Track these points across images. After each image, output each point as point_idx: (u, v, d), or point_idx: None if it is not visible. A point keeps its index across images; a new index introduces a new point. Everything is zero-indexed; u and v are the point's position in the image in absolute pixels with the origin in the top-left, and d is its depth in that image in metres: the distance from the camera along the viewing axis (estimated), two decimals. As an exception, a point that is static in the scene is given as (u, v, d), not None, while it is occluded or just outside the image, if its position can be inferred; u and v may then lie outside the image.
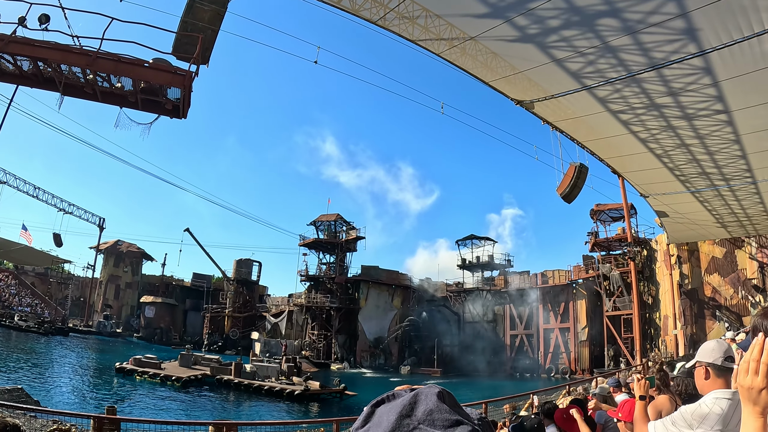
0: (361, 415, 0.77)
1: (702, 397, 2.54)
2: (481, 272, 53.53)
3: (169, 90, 9.85)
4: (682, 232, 13.34)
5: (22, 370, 28.88)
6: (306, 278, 55.19)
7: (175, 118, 10.28)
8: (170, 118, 10.28)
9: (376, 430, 0.71)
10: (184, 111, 10.03)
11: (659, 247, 35.03)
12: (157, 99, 9.92)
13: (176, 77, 9.35)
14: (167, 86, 9.71)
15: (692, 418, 2.45)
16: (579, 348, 43.09)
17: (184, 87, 9.45)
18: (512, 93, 6.25)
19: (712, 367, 2.52)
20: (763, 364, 1.12)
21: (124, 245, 69.64)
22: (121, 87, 9.72)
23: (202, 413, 23.23)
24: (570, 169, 10.60)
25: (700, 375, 2.58)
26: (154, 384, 29.74)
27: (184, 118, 10.18)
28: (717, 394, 2.44)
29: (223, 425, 8.31)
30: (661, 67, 4.79)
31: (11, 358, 33.12)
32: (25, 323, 52.37)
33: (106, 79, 9.73)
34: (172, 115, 10.16)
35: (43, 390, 23.75)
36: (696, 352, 2.68)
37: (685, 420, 2.48)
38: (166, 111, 10.09)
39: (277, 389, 29.14)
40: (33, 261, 63.64)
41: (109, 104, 10.12)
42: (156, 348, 50.39)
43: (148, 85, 9.69)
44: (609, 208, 42.35)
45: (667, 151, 7.03)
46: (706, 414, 2.41)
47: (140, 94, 9.76)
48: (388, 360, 50.98)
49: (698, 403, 2.49)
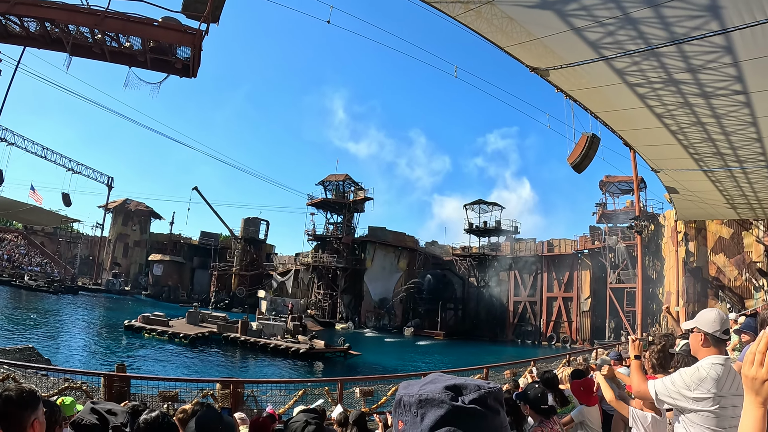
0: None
1: (698, 361, 2.73)
2: (487, 237, 53.50)
3: (178, 49, 9.73)
4: (690, 210, 13.21)
5: (33, 329, 29.41)
6: (313, 238, 55.55)
7: (185, 78, 10.18)
8: (180, 77, 10.17)
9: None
10: (194, 70, 9.91)
11: (667, 223, 34.82)
12: (167, 58, 9.81)
13: (186, 36, 9.22)
14: (177, 45, 9.59)
15: (691, 381, 2.60)
16: (581, 318, 43.44)
17: (194, 46, 9.32)
18: (527, 59, 6.11)
19: (710, 337, 2.72)
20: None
21: (132, 204, 70.16)
22: (130, 46, 9.61)
23: (209, 370, 23.69)
24: (582, 139, 10.48)
25: (696, 340, 2.80)
26: (162, 341, 30.30)
27: (194, 77, 10.07)
28: (713, 360, 2.63)
29: (230, 382, 8.49)
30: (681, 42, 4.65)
31: (22, 318, 33.71)
32: (35, 282, 53.41)
33: (115, 38, 9.61)
34: (182, 74, 10.05)
35: (54, 348, 24.17)
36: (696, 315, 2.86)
37: (684, 381, 2.63)
38: (175, 70, 9.98)
39: (282, 347, 29.64)
40: (42, 221, 64.15)
41: (118, 64, 10.02)
42: (164, 306, 50.89)
43: (158, 45, 9.57)
44: (618, 181, 42.06)
45: (682, 128, 6.88)
46: (704, 377, 2.57)
47: (149, 54, 9.65)
48: (392, 321, 51.41)
49: (696, 367, 2.66)
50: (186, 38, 9.21)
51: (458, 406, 0.76)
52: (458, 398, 0.77)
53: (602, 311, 42.15)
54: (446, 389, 0.78)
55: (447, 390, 0.78)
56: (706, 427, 2.54)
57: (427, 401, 0.77)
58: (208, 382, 9.26)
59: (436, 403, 0.76)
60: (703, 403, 2.54)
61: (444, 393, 0.77)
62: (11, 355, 13.58)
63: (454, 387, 0.78)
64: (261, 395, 9.03)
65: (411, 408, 0.79)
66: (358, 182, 55.04)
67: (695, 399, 2.56)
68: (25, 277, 55.11)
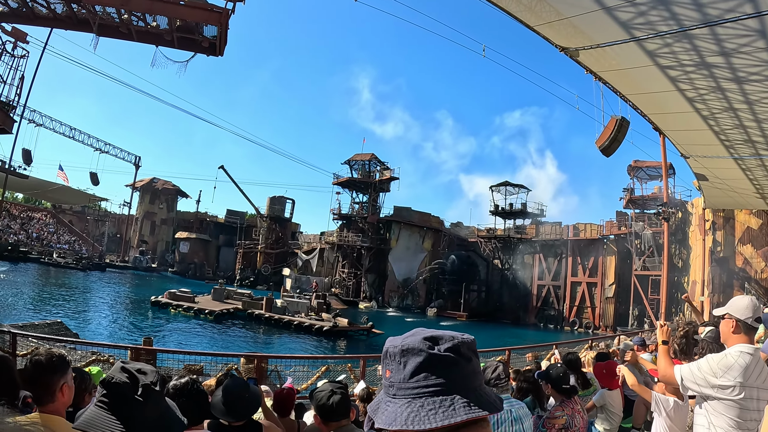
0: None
1: (726, 348, 2.68)
2: (513, 220, 53.07)
3: (205, 28, 9.78)
4: (719, 198, 12.94)
5: (62, 305, 30.05)
6: (338, 217, 55.69)
7: (212, 56, 10.25)
8: (206, 56, 10.25)
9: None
10: (221, 49, 9.97)
11: (695, 211, 34.05)
12: (194, 37, 9.87)
13: (212, 14, 9.26)
14: (203, 24, 9.65)
15: (718, 367, 2.57)
16: (604, 304, 43.00)
17: (221, 24, 9.37)
18: (557, 39, 6.02)
19: (741, 324, 2.65)
20: None
21: (159, 182, 71.31)
22: (157, 26, 9.68)
23: (234, 346, 23.99)
24: (611, 122, 10.28)
25: (727, 326, 2.72)
26: (188, 317, 30.82)
27: (220, 55, 10.13)
28: (742, 348, 2.58)
29: (254, 357, 8.63)
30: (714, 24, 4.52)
31: (51, 294, 34.40)
32: (63, 260, 54.59)
33: (141, 18, 9.68)
34: (209, 52, 10.12)
35: (83, 323, 24.74)
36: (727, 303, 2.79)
37: (711, 368, 2.60)
38: (202, 49, 10.05)
39: (306, 324, 29.94)
40: (70, 200, 65.80)
41: (145, 43, 10.11)
42: (190, 282, 51.83)
43: (184, 23, 9.63)
44: (647, 166, 41.21)
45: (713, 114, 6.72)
46: (731, 365, 2.53)
47: (176, 33, 9.72)
48: (416, 301, 51.48)
49: (724, 354, 2.61)
50: (212, 17, 9.26)
51: (434, 353, 0.87)
52: (434, 347, 0.88)
53: (626, 298, 41.64)
54: (424, 340, 0.89)
55: (425, 340, 0.89)
56: (727, 416, 2.52)
57: (408, 350, 0.88)
58: (233, 357, 9.46)
59: (416, 352, 0.88)
60: (728, 392, 2.51)
61: (422, 343, 0.88)
62: (40, 329, 13.84)
63: (431, 338, 0.90)
64: (284, 370, 9.20)
65: (395, 357, 0.90)
66: (384, 162, 54.93)
67: (720, 387, 2.53)
68: (54, 254, 56.39)
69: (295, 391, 4.98)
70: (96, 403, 1.46)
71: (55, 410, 2.08)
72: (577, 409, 3.87)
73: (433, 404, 0.84)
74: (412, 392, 0.86)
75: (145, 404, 1.46)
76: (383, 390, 0.94)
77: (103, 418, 1.42)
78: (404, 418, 0.84)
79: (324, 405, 2.65)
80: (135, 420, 1.43)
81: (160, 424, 1.50)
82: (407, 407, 0.85)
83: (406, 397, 0.87)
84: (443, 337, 0.90)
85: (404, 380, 0.88)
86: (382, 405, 0.91)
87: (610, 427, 4.99)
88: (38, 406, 2.09)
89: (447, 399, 0.84)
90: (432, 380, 0.86)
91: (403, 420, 0.83)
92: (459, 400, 0.84)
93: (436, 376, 0.86)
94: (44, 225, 67.58)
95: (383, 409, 0.90)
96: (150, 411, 1.47)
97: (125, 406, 1.44)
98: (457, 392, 0.85)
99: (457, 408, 0.82)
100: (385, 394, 0.92)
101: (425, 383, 0.86)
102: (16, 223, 62.98)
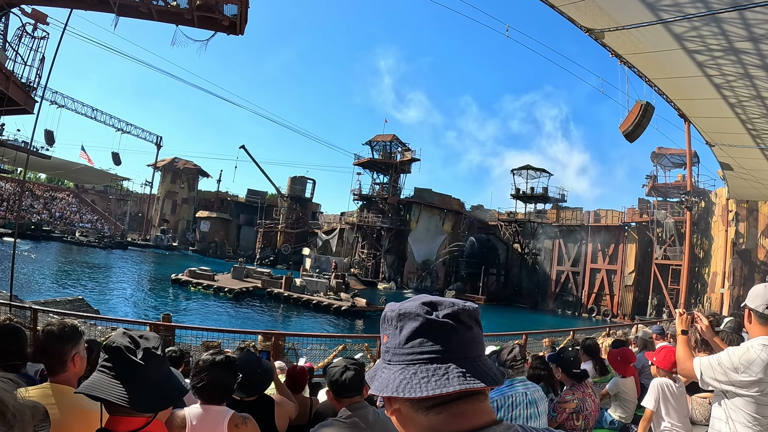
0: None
1: (749, 340, 2.55)
2: (534, 204, 52.61)
3: (225, 6, 9.76)
4: (744, 189, 12.66)
5: (84, 282, 30.57)
6: (359, 197, 55.73)
7: (232, 35, 10.24)
8: (227, 34, 10.24)
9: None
10: (241, 27, 9.96)
11: (718, 201, 33.43)
12: (214, 16, 9.85)
13: (232, -8, 9.24)
14: (224, 2, 9.62)
15: (739, 362, 2.45)
16: (623, 292, 42.55)
17: (241, 2, 9.35)
18: (582, 20, 5.91)
19: (754, 313, 2.53)
20: None
21: (180, 162, 71.81)
22: (177, 5, 9.68)
23: (252, 323, 24.22)
24: (635, 107, 10.09)
25: (746, 317, 2.61)
26: (208, 295, 31.16)
27: (241, 34, 10.12)
28: (765, 341, 2.45)
29: (271, 335, 8.71)
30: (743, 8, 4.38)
31: (73, 271, 35.04)
32: (85, 238, 55.60)
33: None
34: (229, 31, 10.11)
35: (103, 300, 25.10)
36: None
37: (732, 362, 2.48)
38: (222, 27, 10.03)
39: (324, 304, 30.14)
40: (93, 179, 66.75)
41: (165, 22, 10.11)
42: (210, 261, 52.39)
43: (204, 2, 9.60)
44: (671, 153, 40.50)
45: (741, 101, 6.55)
46: (754, 360, 2.41)
47: (196, 12, 9.70)
48: (434, 283, 51.28)
49: (746, 347, 2.49)
50: (232, -6, 9.24)
51: (431, 319, 0.84)
52: (432, 313, 0.85)
53: (645, 287, 41.17)
54: (423, 305, 0.86)
55: (423, 305, 0.86)
56: (746, 412, 2.44)
57: (405, 315, 0.86)
58: (251, 334, 9.60)
59: (413, 317, 0.85)
60: (749, 387, 2.42)
61: (420, 308, 0.86)
62: (62, 306, 14.05)
63: (430, 303, 0.87)
64: (302, 348, 9.34)
65: (392, 321, 0.88)
66: (406, 143, 54.66)
67: (741, 382, 2.43)
68: (77, 233, 57.31)
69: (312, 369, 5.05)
70: (98, 368, 1.50)
71: (66, 380, 2.11)
72: (588, 393, 3.87)
73: (426, 372, 0.81)
74: (407, 358, 0.84)
75: (146, 368, 1.50)
76: (381, 357, 0.93)
77: (105, 382, 1.46)
78: (395, 384, 0.82)
79: (336, 381, 2.67)
80: (136, 383, 1.47)
81: (160, 386, 1.54)
82: (400, 374, 0.83)
83: (400, 363, 0.85)
84: (443, 303, 0.87)
85: (399, 345, 0.86)
86: (378, 371, 0.90)
87: (625, 414, 4.98)
88: (50, 376, 2.12)
89: (441, 367, 0.81)
90: (427, 346, 0.83)
91: (394, 387, 0.81)
92: (454, 369, 0.80)
93: (433, 342, 0.83)
94: (67, 204, 68.90)
95: (378, 375, 0.88)
96: (151, 374, 1.51)
97: (126, 369, 1.48)
98: (453, 361, 0.82)
99: (451, 378, 0.79)
100: (382, 360, 0.91)
101: (420, 349, 0.83)
102: (39, 202, 64.16)
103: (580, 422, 3.75)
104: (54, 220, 61.23)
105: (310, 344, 9.72)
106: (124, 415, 1.48)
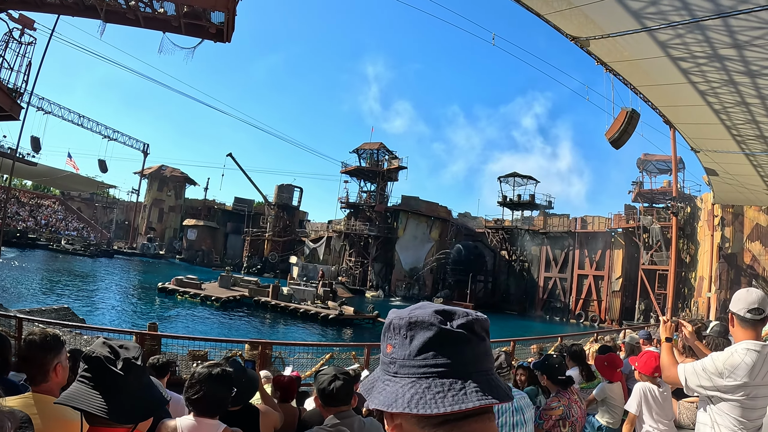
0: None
1: (733, 345, 2.55)
2: (521, 211, 53.02)
3: (212, 14, 9.75)
4: (729, 194, 12.79)
5: (69, 291, 30.10)
6: (346, 205, 55.75)
7: (219, 42, 10.22)
8: (214, 42, 10.22)
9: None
10: (228, 35, 9.95)
11: (704, 206, 33.84)
12: (201, 23, 9.84)
13: (219, 0, 9.22)
14: (210, 10, 9.60)
15: (723, 367, 2.44)
16: (611, 297, 42.88)
17: (228, 10, 9.33)
18: (567, 28, 5.95)
19: (736, 317, 2.55)
20: None
21: (167, 170, 71.62)
22: (164, 12, 9.65)
23: (240, 332, 24.04)
24: (621, 114, 10.17)
25: (730, 321, 2.63)
26: (195, 303, 30.87)
27: (228, 42, 10.11)
28: (748, 345, 2.45)
29: (258, 344, 8.67)
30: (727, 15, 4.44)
31: (59, 280, 34.53)
32: (71, 246, 54.89)
33: (148, 4, 9.66)
34: (216, 39, 10.10)
35: (90, 309, 24.73)
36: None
37: (716, 367, 2.47)
38: (209, 35, 10.02)
39: (312, 312, 29.95)
40: (79, 187, 66.24)
41: (152, 30, 10.08)
42: (197, 270, 51.94)
43: (191, 9, 9.59)
44: (656, 159, 41.00)
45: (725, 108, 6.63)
46: (738, 364, 2.41)
47: (183, 19, 9.69)
48: (422, 291, 51.46)
49: (730, 352, 2.48)
50: (220, 2, 9.22)
51: (446, 329, 0.78)
52: (447, 322, 0.79)
53: (633, 292, 41.50)
54: (435, 313, 0.80)
55: (436, 314, 0.80)
56: (732, 416, 2.44)
57: (416, 324, 0.79)
58: (237, 343, 9.51)
59: (426, 326, 0.79)
60: (734, 392, 2.42)
61: (434, 316, 0.80)
62: (47, 315, 13.76)
63: (443, 312, 0.81)
64: (289, 357, 9.26)
65: (401, 330, 0.81)
66: (393, 151, 54.81)
67: (726, 387, 2.43)
68: (62, 241, 56.72)
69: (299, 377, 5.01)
70: (78, 378, 1.47)
71: (48, 390, 2.07)
72: (573, 399, 3.85)
73: (441, 386, 0.74)
74: (418, 371, 0.76)
75: (126, 378, 1.46)
76: (381, 367, 0.85)
77: (84, 392, 1.43)
78: (407, 399, 0.74)
79: (324, 389, 2.67)
80: (116, 393, 1.44)
81: (140, 397, 1.51)
82: (410, 388, 0.75)
83: (410, 376, 0.77)
84: (456, 312, 0.81)
85: (409, 357, 0.78)
86: (378, 384, 0.82)
87: (612, 420, 4.97)
88: (32, 386, 2.09)
89: (458, 382, 0.74)
90: (441, 359, 0.76)
91: (406, 402, 0.73)
92: (472, 384, 0.74)
93: (447, 354, 0.76)
94: (53, 212, 68.19)
95: (380, 389, 0.80)
96: (131, 384, 1.48)
97: (106, 380, 1.45)
98: (468, 375, 0.75)
99: (469, 393, 0.73)
100: (384, 372, 0.83)
101: (434, 362, 0.76)
102: (24, 210, 63.46)
103: (566, 429, 3.73)
104: (40, 228, 60.54)
105: (297, 353, 9.65)
106: (104, 426, 1.46)
